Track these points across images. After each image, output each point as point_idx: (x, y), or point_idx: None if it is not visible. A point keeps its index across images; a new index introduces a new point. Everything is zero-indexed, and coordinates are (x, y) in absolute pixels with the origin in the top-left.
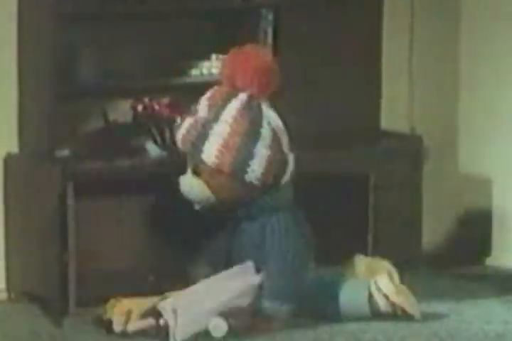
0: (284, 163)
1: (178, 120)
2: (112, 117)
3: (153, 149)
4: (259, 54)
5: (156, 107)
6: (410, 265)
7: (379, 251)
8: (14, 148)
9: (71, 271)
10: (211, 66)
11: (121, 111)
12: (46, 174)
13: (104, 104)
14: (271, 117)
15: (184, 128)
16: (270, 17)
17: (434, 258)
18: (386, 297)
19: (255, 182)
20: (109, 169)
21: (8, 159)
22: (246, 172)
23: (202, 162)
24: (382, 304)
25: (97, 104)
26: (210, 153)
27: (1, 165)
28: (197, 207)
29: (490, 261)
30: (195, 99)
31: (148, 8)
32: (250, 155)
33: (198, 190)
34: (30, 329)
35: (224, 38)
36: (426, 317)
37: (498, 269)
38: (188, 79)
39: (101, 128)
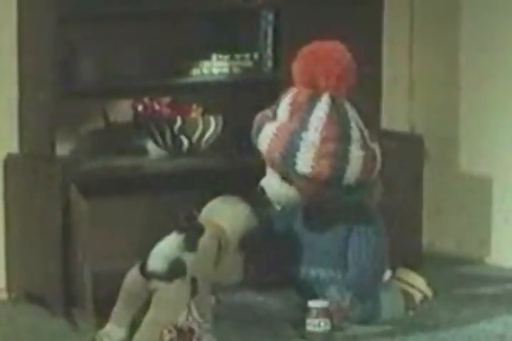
0: (374, 158)
1: (179, 120)
2: (112, 117)
3: (153, 149)
4: (340, 51)
5: (157, 107)
6: (410, 265)
7: None
8: (14, 148)
9: (73, 271)
10: (211, 66)
11: (122, 111)
12: (46, 174)
13: (105, 104)
14: (353, 115)
15: (267, 136)
16: (270, 17)
17: (434, 258)
18: (419, 290)
19: (353, 184)
20: (110, 169)
21: (9, 159)
22: (343, 177)
23: (295, 173)
24: (417, 298)
25: (98, 104)
26: (305, 163)
27: (1, 165)
28: (279, 207)
29: (490, 261)
30: (196, 99)
31: (148, 8)
32: (346, 160)
33: (288, 195)
34: (30, 330)
35: (224, 38)
36: (426, 317)
37: (498, 269)
38: (188, 79)
39: (101, 128)
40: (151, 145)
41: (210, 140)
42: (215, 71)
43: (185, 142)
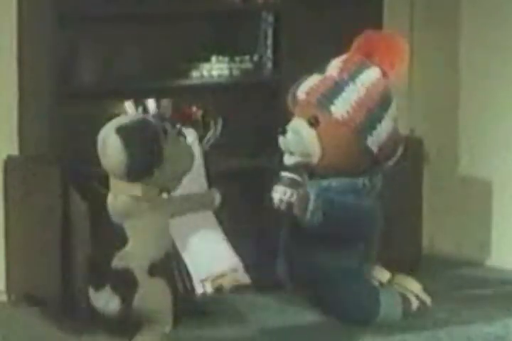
0: (398, 143)
1: (179, 122)
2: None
3: None
4: (404, 40)
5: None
6: (410, 268)
7: (378, 254)
8: (14, 150)
9: (73, 272)
10: (211, 68)
11: (121, 113)
12: (46, 176)
13: (104, 106)
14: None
15: (312, 81)
16: (270, 19)
17: (434, 261)
18: (416, 296)
19: (373, 148)
20: None
21: (9, 162)
22: (371, 134)
23: (329, 113)
24: (414, 304)
25: (97, 106)
26: (342, 106)
27: (2, 167)
28: (289, 160)
29: (490, 263)
30: (196, 101)
31: (148, 9)
32: (379, 120)
33: (309, 141)
34: (30, 333)
35: (224, 40)
36: (425, 319)
37: (498, 271)
38: (188, 81)
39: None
40: None
41: (209, 142)
42: (215, 73)
43: None
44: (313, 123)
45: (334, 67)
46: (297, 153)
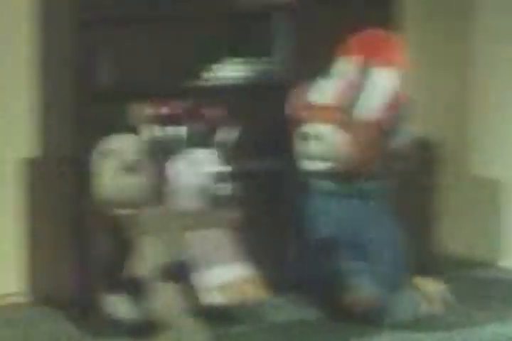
0: (413, 144)
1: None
2: (131, 120)
3: None
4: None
5: (173, 111)
6: (423, 269)
7: None
8: (37, 152)
9: (92, 276)
10: (224, 69)
11: (140, 114)
12: (69, 178)
13: (124, 108)
14: None
15: (331, 86)
16: (283, 20)
17: (447, 262)
18: (431, 299)
19: (400, 148)
20: None
21: (32, 163)
22: (399, 133)
23: (358, 116)
24: (425, 307)
25: (117, 108)
26: (372, 107)
27: (25, 169)
28: (314, 166)
29: (502, 264)
30: (210, 102)
31: (163, 12)
32: (404, 120)
33: (339, 146)
34: (50, 334)
35: (237, 41)
36: (438, 320)
37: (511, 271)
38: (202, 83)
39: (122, 131)
40: None
41: (227, 143)
42: (229, 74)
43: None
44: (342, 127)
45: (347, 69)
46: (326, 158)
